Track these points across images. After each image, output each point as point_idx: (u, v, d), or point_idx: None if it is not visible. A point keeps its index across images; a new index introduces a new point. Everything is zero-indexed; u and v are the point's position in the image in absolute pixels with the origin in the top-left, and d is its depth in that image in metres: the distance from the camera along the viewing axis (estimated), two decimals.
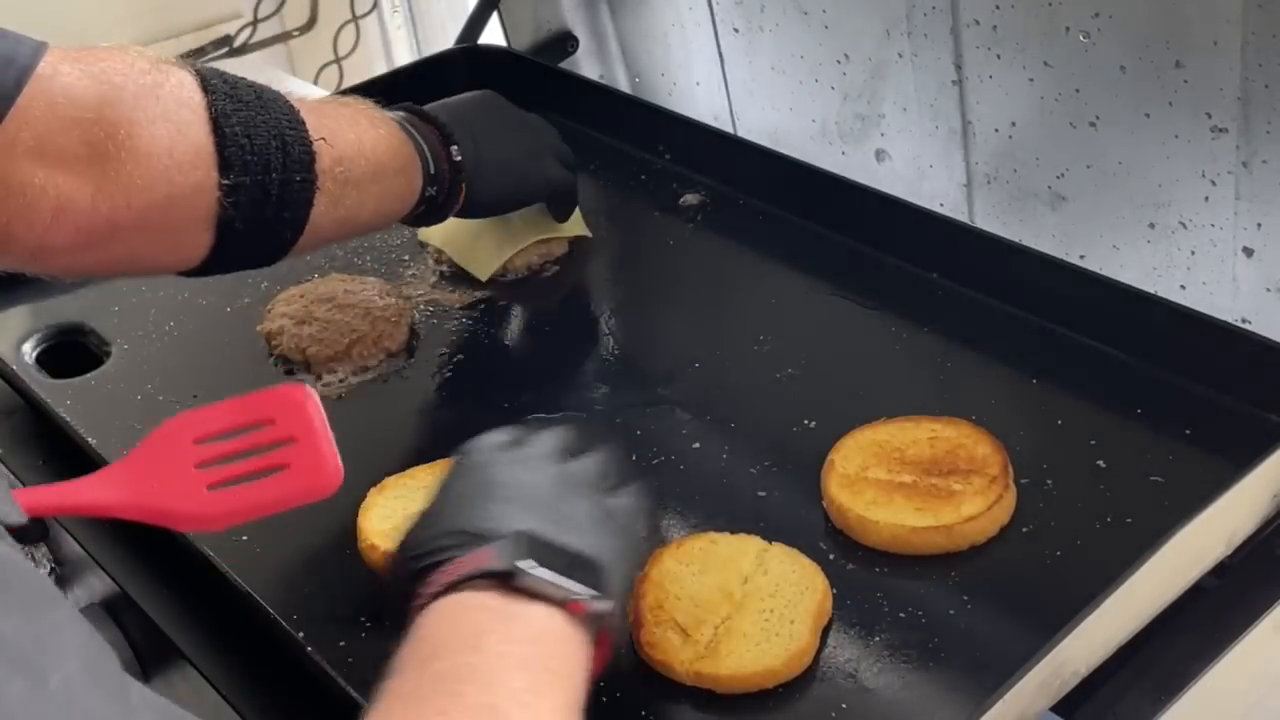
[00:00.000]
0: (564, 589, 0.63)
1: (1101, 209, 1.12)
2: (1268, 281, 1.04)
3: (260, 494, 0.74)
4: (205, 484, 0.73)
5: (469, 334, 1.09)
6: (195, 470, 0.73)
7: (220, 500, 0.73)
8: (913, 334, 1.03)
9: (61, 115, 0.77)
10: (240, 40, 1.98)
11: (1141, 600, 0.76)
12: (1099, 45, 1.04)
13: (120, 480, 0.73)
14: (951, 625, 0.78)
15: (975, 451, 0.87)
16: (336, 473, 0.74)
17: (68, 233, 0.78)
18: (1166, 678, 0.77)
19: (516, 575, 0.62)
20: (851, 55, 1.25)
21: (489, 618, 0.62)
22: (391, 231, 1.22)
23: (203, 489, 0.73)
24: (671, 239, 1.20)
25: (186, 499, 0.73)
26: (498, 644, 0.60)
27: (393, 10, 2.04)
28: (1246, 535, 0.82)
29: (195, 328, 1.12)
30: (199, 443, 0.74)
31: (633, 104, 1.41)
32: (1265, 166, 0.99)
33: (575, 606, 0.63)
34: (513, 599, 0.62)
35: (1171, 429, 0.90)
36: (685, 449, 0.94)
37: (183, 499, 0.73)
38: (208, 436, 0.74)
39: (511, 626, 0.61)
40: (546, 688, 0.59)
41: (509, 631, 0.61)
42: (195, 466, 0.74)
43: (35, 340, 1.11)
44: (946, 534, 0.82)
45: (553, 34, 1.49)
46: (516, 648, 0.60)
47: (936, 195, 1.24)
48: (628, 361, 1.06)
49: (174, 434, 0.75)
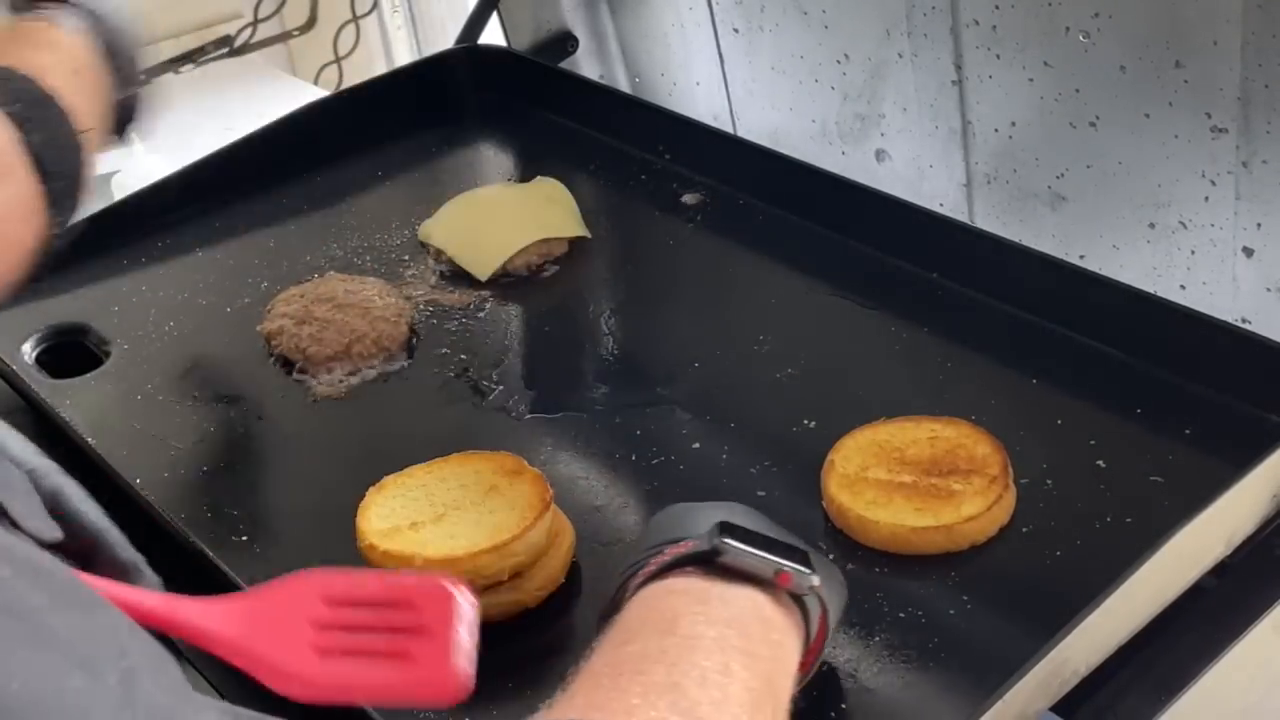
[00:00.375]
0: (770, 560, 0.62)
1: (1101, 209, 1.12)
2: (1268, 281, 1.04)
3: (369, 675, 0.67)
4: (317, 647, 0.67)
5: (469, 334, 1.09)
6: (313, 630, 0.68)
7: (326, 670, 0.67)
8: (913, 334, 1.03)
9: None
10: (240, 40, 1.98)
11: (1141, 600, 0.76)
12: (1099, 45, 1.04)
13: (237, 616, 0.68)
14: (951, 625, 0.78)
15: (975, 451, 0.87)
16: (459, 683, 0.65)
17: None
18: (1166, 678, 0.77)
19: (720, 551, 0.61)
20: (851, 55, 1.25)
21: (685, 601, 0.60)
22: (391, 231, 1.23)
23: (311, 652, 0.67)
24: (671, 239, 1.20)
25: (293, 658, 0.67)
26: (691, 626, 0.59)
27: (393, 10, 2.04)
28: (1246, 535, 0.82)
29: (195, 328, 1.12)
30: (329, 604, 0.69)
31: (633, 104, 1.41)
32: (1265, 166, 0.99)
33: (783, 578, 0.62)
34: (713, 581, 0.61)
35: (1171, 429, 0.90)
36: (685, 449, 0.94)
37: (289, 657, 0.67)
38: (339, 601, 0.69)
39: (708, 609, 0.60)
40: (739, 669, 0.57)
41: (705, 613, 0.60)
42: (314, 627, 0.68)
43: (35, 340, 1.11)
44: (946, 534, 0.82)
45: (553, 34, 1.49)
46: (712, 629, 0.59)
47: (936, 195, 1.24)
48: (628, 361, 1.06)
49: (306, 589, 0.69)
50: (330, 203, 1.27)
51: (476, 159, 1.37)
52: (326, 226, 1.24)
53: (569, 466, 0.94)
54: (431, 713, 0.77)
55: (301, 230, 1.21)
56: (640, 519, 0.90)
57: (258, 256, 1.17)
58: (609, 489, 0.92)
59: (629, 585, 0.64)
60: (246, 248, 1.03)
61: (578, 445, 0.96)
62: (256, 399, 1.04)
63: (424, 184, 1.31)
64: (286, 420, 1.02)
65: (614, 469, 0.93)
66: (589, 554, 0.86)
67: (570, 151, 1.32)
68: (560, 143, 1.34)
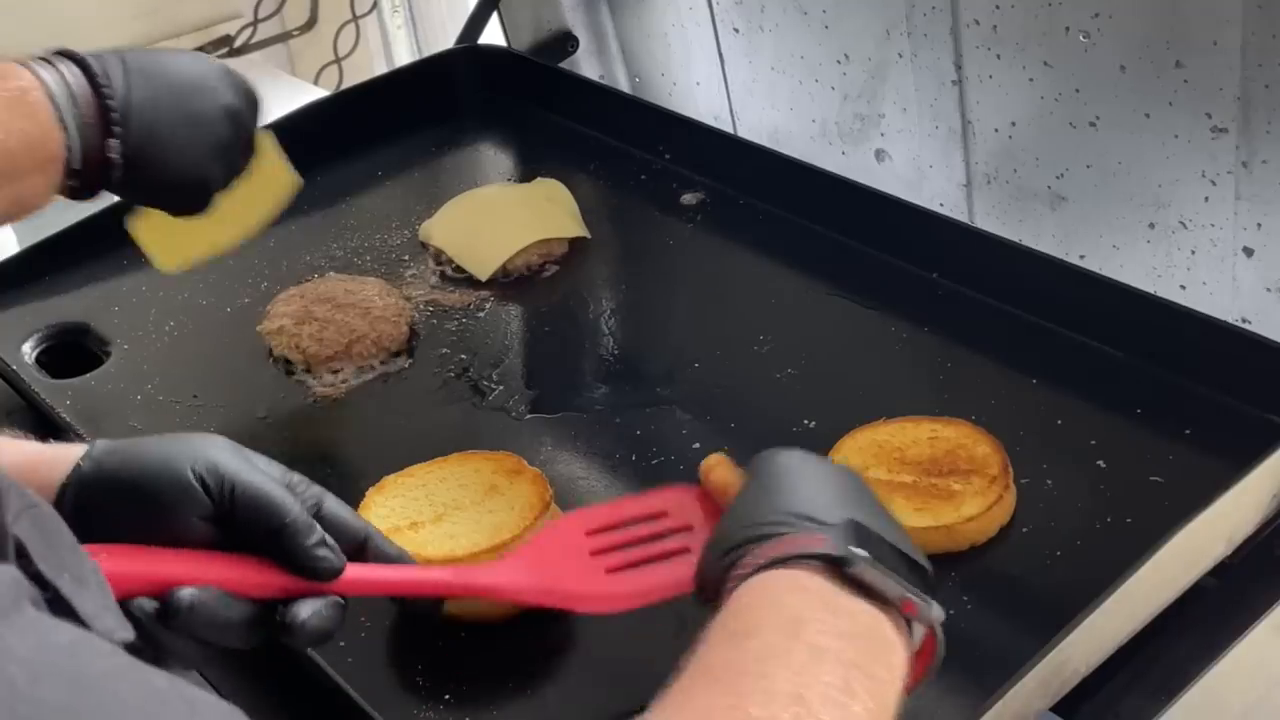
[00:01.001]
0: (899, 586, 0.59)
1: (1101, 209, 1.12)
2: (1268, 281, 1.04)
3: (664, 575, 0.72)
4: (604, 568, 0.73)
5: (469, 334, 1.09)
6: (591, 557, 0.73)
7: (622, 582, 0.73)
8: (913, 334, 1.03)
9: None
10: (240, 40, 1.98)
11: (1141, 600, 0.76)
12: (1099, 45, 1.04)
13: (521, 567, 0.74)
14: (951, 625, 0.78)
15: (975, 451, 0.86)
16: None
17: None
18: (1166, 678, 0.77)
19: (851, 563, 0.59)
20: (851, 55, 1.25)
21: (811, 604, 0.58)
22: (391, 231, 1.23)
23: (602, 573, 0.73)
24: (671, 239, 1.20)
25: (588, 582, 0.73)
26: (816, 634, 0.56)
27: (393, 10, 2.04)
28: (1246, 535, 0.82)
29: (195, 328, 1.12)
30: (591, 534, 0.75)
31: (633, 104, 1.41)
32: (1265, 166, 0.99)
33: (908, 607, 0.60)
34: (839, 589, 0.59)
35: (1171, 429, 0.90)
36: (685, 449, 0.94)
37: (585, 582, 0.73)
38: (599, 529, 0.75)
39: (836, 619, 0.58)
40: (860, 689, 0.55)
41: (831, 623, 0.57)
42: (591, 554, 0.74)
43: (35, 340, 1.11)
44: (946, 534, 0.82)
45: (553, 34, 1.49)
46: (836, 642, 0.56)
47: (936, 195, 1.24)
48: (628, 361, 1.06)
49: (566, 528, 0.76)
50: (330, 203, 1.27)
51: (476, 159, 1.37)
52: (326, 226, 1.24)
53: (569, 466, 0.94)
54: (432, 714, 0.77)
55: (301, 230, 1.21)
56: None
57: (258, 256, 1.17)
58: (609, 489, 0.92)
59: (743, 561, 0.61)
60: (246, 248, 1.03)
61: (578, 445, 0.96)
62: (256, 399, 1.04)
63: (424, 184, 1.31)
64: (286, 420, 1.02)
65: (614, 469, 0.93)
66: None
67: (570, 151, 1.32)
68: (560, 143, 1.34)
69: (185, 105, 0.89)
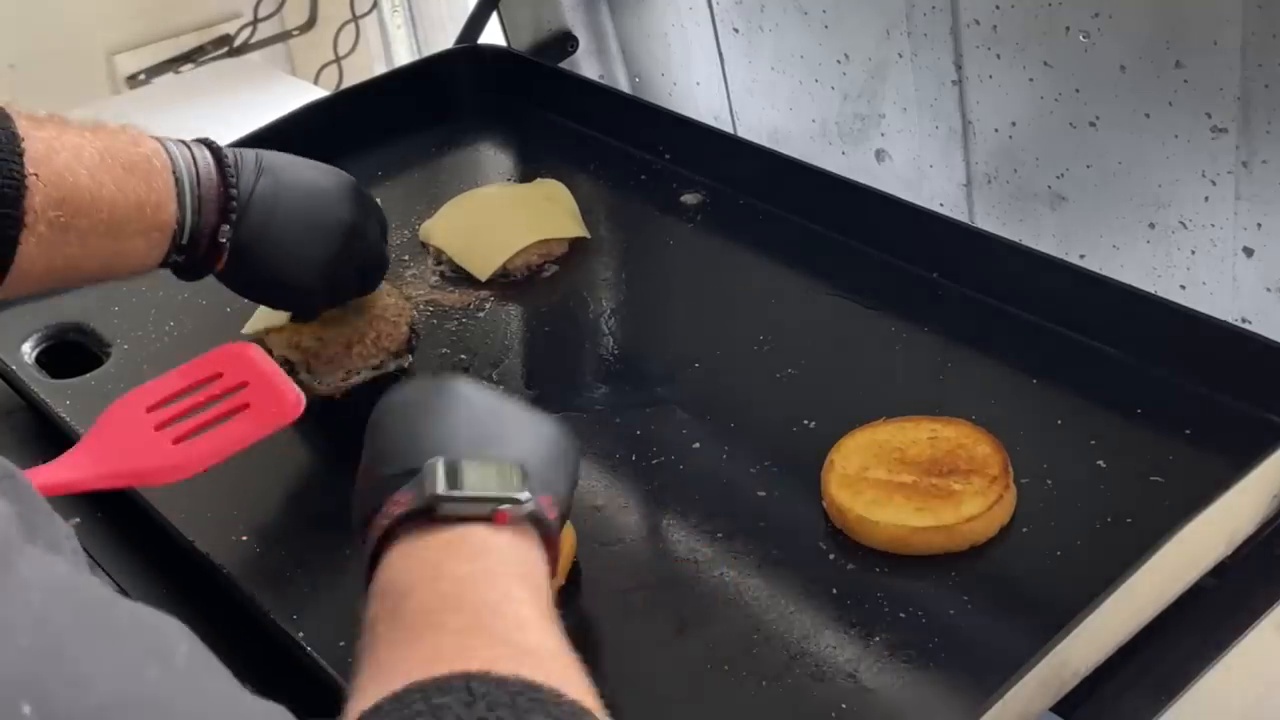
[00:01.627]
0: (482, 503, 0.63)
1: (1101, 209, 1.12)
2: (1268, 281, 1.04)
3: (226, 434, 0.76)
4: (169, 439, 0.76)
5: (469, 334, 1.09)
6: (155, 431, 0.76)
7: (187, 449, 0.76)
8: (913, 334, 1.03)
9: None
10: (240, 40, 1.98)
11: (1141, 600, 0.76)
12: (1099, 45, 1.04)
13: (84, 460, 0.75)
14: (951, 625, 0.78)
15: (975, 451, 0.87)
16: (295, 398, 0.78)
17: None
18: (1166, 678, 0.77)
19: (436, 508, 0.63)
20: (851, 55, 1.25)
21: (435, 552, 0.62)
22: (392, 231, 1.22)
23: (168, 444, 0.76)
24: (671, 239, 1.20)
25: (154, 456, 0.75)
26: (454, 570, 0.60)
27: (393, 10, 2.04)
28: (1246, 535, 0.82)
29: (195, 328, 1.12)
30: (151, 410, 0.77)
31: (633, 104, 1.41)
32: (1265, 166, 0.99)
33: (500, 517, 0.63)
34: (448, 527, 0.63)
35: (1171, 429, 0.90)
36: (685, 449, 0.94)
37: (150, 457, 0.75)
38: (159, 403, 0.77)
39: (460, 550, 0.62)
40: (516, 590, 0.59)
41: (459, 554, 0.61)
42: (155, 429, 0.76)
43: (35, 340, 1.11)
44: (946, 534, 0.82)
45: (553, 34, 1.49)
46: (472, 565, 0.61)
47: (936, 195, 1.24)
48: (628, 361, 1.06)
49: (124, 409, 0.78)
50: None
51: (476, 159, 1.37)
52: None
53: None
54: None
55: None
56: (640, 519, 0.90)
57: None
58: (609, 489, 0.92)
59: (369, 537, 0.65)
60: None
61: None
62: None
63: (424, 184, 1.31)
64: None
65: (614, 469, 0.93)
66: (589, 554, 0.86)
67: (570, 151, 1.32)
68: (560, 143, 1.34)
69: (307, 212, 0.94)
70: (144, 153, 0.86)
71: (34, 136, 0.80)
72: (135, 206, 0.85)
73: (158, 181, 0.86)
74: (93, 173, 0.82)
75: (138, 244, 0.86)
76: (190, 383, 0.78)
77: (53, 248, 0.81)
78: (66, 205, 0.81)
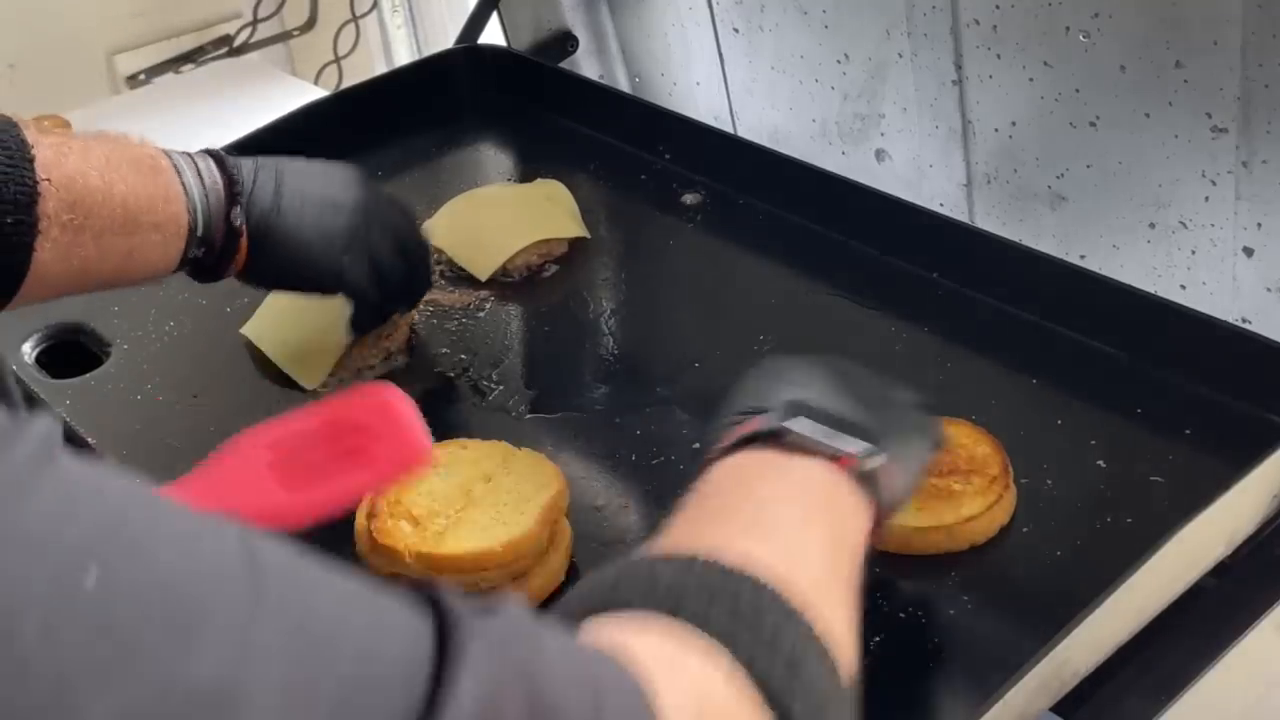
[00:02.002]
0: (831, 444, 0.65)
1: (1101, 209, 1.12)
2: (1268, 281, 1.04)
3: (339, 482, 0.73)
4: (281, 483, 0.73)
5: (469, 334, 1.09)
6: (270, 473, 0.73)
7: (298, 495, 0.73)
8: (913, 334, 1.03)
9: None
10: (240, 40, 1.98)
11: (1141, 600, 0.76)
12: (1099, 45, 1.04)
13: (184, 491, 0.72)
14: (951, 625, 0.78)
15: (975, 451, 0.86)
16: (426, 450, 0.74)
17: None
18: (1166, 678, 0.77)
19: (784, 433, 0.65)
20: (851, 55, 1.25)
21: (761, 470, 0.64)
22: None
23: (277, 488, 0.73)
24: (671, 239, 1.20)
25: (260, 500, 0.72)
26: (767, 489, 0.63)
27: (393, 10, 2.04)
28: (1246, 535, 0.82)
29: (195, 328, 1.12)
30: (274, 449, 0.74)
31: (633, 104, 1.41)
32: (1265, 166, 0.99)
33: (845, 460, 0.65)
34: (787, 455, 0.65)
35: (1171, 429, 0.90)
36: (685, 449, 0.94)
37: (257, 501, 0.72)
38: (284, 442, 0.74)
39: (783, 476, 0.64)
40: (815, 520, 0.62)
41: (779, 479, 0.64)
42: (271, 470, 0.73)
43: (35, 340, 1.11)
44: (946, 534, 0.82)
45: (553, 34, 1.49)
46: (785, 491, 0.63)
47: (936, 195, 1.24)
48: (628, 361, 1.06)
49: (249, 444, 0.75)
50: None
51: (476, 159, 1.37)
52: None
53: (569, 466, 0.94)
54: None
55: None
56: (640, 519, 0.90)
57: None
58: (609, 489, 0.92)
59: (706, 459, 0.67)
60: None
61: (578, 445, 0.96)
62: (257, 399, 1.04)
63: (424, 184, 1.31)
64: None
65: (614, 469, 0.93)
66: (589, 554, 0.86)
67: (570, 151, 1.32)
68: (560, 143, 1.34)
69: (315, 188, 0.95)
70: (148, 152, 0.88)
71: (42, 143, 0.81)
72: (146, 200, 0.86)
73: (164, 177, 0.88)
74: (102, 173, 0.83)
75: (153, 239, 0.87)
76: (319, 423, 0.75)
77: (68, 251, 0.82)
78: (79, 207, 0.81)
